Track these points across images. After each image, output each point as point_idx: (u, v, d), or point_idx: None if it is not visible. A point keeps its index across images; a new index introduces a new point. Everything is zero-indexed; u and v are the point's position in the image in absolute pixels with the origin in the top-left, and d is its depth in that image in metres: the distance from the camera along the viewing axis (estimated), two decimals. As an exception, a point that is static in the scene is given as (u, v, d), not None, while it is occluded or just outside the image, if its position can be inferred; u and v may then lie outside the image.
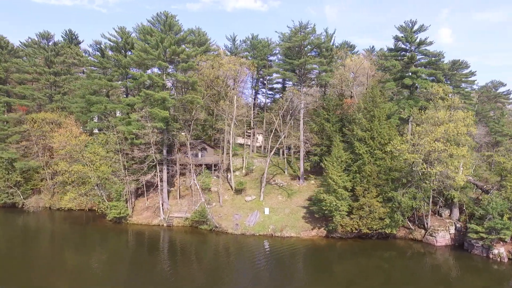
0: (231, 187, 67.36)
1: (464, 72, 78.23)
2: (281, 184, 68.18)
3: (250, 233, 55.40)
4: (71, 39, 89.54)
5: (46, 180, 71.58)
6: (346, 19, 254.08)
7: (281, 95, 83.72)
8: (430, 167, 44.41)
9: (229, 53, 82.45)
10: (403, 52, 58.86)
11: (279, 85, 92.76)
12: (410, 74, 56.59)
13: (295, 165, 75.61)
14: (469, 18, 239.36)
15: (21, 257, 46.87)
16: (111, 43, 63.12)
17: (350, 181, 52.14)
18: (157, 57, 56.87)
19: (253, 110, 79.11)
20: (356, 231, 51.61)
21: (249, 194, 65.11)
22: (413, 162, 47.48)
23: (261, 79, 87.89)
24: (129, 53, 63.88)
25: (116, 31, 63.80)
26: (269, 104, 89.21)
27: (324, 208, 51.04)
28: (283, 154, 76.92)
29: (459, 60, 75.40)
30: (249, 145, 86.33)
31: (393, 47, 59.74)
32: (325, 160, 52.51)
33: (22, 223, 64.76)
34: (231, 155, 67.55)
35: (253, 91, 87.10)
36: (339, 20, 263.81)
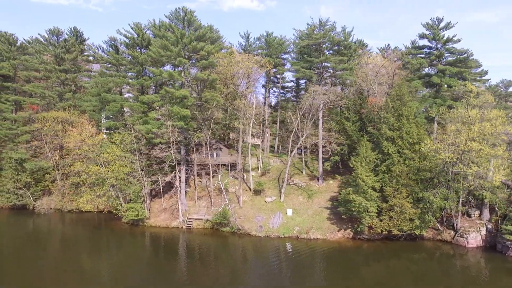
0: (249, 187, 65.71)
1: (477, 71, 77.47)
2: (300, 185, 66.66)
3: (275, 235, 53.79)
4: (77, 37, 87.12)
5: (57, 181, 69.40)
6: (342, 19, 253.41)
7: (300, 93, 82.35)
8: (466, 167, 43.17)
9: (241, 51, 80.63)
10: (428, 50, 57.63)
11: (291, 84, 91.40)
12: (437, 72, 55.36)
13: (312, 165, 74.10)
14: (465, 19, 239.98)
15: (35, 260, 44.98)
16: (127, 40, 61.10)
17: (378, 181, 50.81)
18: (176, 54, 55.04)
19: (267, 109, 77.29)
20: (385, 233, 50.21)
21: (268, 195, 63.49)
22: (446, 162, 46.24)
23: (272, 77, 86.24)
24: (143, 50, 62.12)
25: (131, 27, 61.87)
26: (281, 103, 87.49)
27: (353, 209, 49.60)
28: (300, 154, 75.42)
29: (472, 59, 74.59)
30: (259, 145, 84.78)
31: (417, 45, 58.44)
32: (354, 160, 51.07)
33: (34, 225, 62.61)
34: (249, 155, 65.92)
35: (265, 89, 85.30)
36: (335, 20, 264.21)
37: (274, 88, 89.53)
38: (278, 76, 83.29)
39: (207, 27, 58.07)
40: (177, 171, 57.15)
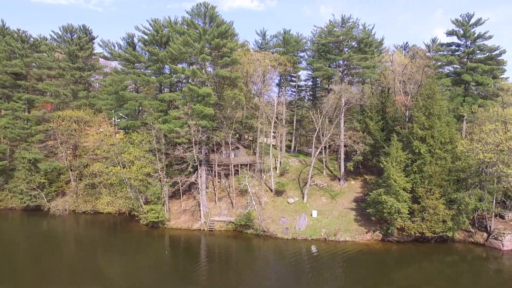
0: (270, 188, 64.12)
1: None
2: (321, 185, 65.08)
3: (302, 238, 52.19)
4: (86, 35, 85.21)
5: (71, 182, 67.63)
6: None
7: (317, 92, 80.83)
8: (506, 168, 41.70)
9: (258, 49, 79.05)
10: (456, 47, 56.14)
11: (305, 82, 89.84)
12: (467, 69, 53.87)
13: (332, 165, 72.52)
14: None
15: (52, 262, 43.73)
16: (145, 36, 59.40)
17: (408, 182, 49.29)
18: (199, 51, 53.40)
19: (284, 108, 75.57)
20: (418, 235, 48.67)
21: (290, 196, 61.91)
22: (483, 163, 44.76)
23: (287, 76, 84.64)
24: (161, 47, 60.44)
25: (150, 24, 60.19)
26: (297, 102, 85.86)
27: (384, 210, 48.05)
28: (319, 154, 73.85)
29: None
30: (273, 145, 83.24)
31: (445, 42, 56.93)
32: (384, 160, 49.51)
33: (49, 227, 60.94)
34: (271, 155, 64.27)
35: (280, 88, 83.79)
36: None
37: (288, 87, 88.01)
38: (294, 74, 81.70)
39: (229, 23, 56.39)
40: (199, 171, 55.40)
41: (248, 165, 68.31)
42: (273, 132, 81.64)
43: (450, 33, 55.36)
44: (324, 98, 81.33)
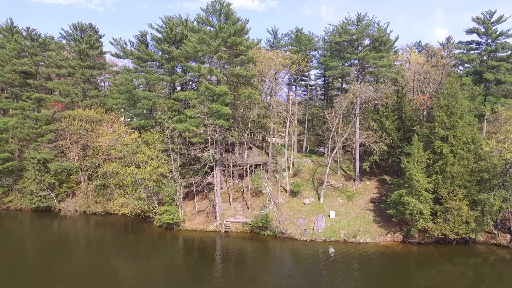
0: (284, 189, 63.10)
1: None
2: (336, 186, 64.07)
3: (321, 239, 51.20)
4: (94, 33, 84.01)
5: (81, 182, 66.49)
6: (342, 19, 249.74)
7: (329, 91, 79.80)
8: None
9: (269, 47, 78.05)
10: (476, 45, 55.14)
11: (315, 82, 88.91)
12: (487, 68, 52.88)
13: (345, 165, 71.48)
14: (465, 18, 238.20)
15: (65, 264, 42.57)
16: (159, 34, 58.33)
17: (430, 182, 48.30)
18: (215, 49, 52.36)
19: (296, 107, 74.55)
20: (441, 236, 47.70)
21: (306, 197, 60.90)
22: (508, 163, 43.81)
23: (295, 75, 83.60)
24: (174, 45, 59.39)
25: (163, 21, 59.15)
26: (309, 101, 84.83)
27: (406, 211, 47.06)
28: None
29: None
30: (283, 145, 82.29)
31: (464, 41, 55.98)
32: (406, 161, 48.48)
33: (60, 228, 59.74)
34: (286, 155, 63.36)
35: (291, 87, 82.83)
36: (335, 19, 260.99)
37: (297, 86, 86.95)
38: (306, 73, 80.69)
39: (245, 21, 55.35)
40: (215, 171, 54.35)
41: (261, 165, 67.31)
42: (283, 132, 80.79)
43: (470, 31, 54.36)
44: (337, 98, 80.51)
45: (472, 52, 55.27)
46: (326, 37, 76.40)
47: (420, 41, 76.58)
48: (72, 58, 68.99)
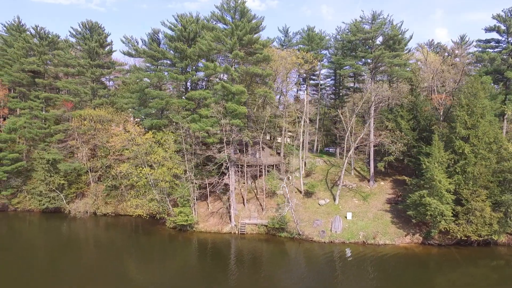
0: (298, 189, 62.10)
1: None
2: (351, 186, 63.12)
3: (339, 241, 50.25)
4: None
5: (91, 183, 65.39)
6: (343, 19, 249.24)
7: (340, 91, 78.84)
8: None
9: (280, 46, 76.99)
10: (495, 44, 54.29)
11: (323, 81, 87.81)
12: (508, 66, 52.01)
13: (357, 165, 70.53)
14: (464, 19, 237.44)
15: (75, 268, 41.22)
16: (172, 32, 57.28)
17: (451, 183, 47.41)
18: (231, 47, 51.37)
19: (307, 106, 73.23)
20: (464, 238, 46.78)
21: (321, 197, 59.95)
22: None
23: (305, 74, 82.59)
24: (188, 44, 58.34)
25: (175, 19, 58.15)
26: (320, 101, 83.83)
27: (427, 213, 46.13)
28: (340, 154, 72.10)
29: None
30: (293, 145, 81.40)
31: (483, 39, 55.05)
32: (427, 161, 47.58)
33: (71, 230, 58.75)
34: (300, 155, 62.44)
35: (302, 86, 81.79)
36: (336, 19, 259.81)
37: (305, 85, 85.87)
38: (316, 72, 79.71)
39: (260, 18, 54.36)
40: (230, 172, 53.34)
41: (274, 165, 66.33)
42: (292, 132, 79.88)
43: (490, 29, 53.52)
44: (348, 97, 79.64)
45: (491, 50, 54.37)
46: (337, 36, 75.44)
47: (432, 40, 75.82)
48: (81, 57, 67.93)
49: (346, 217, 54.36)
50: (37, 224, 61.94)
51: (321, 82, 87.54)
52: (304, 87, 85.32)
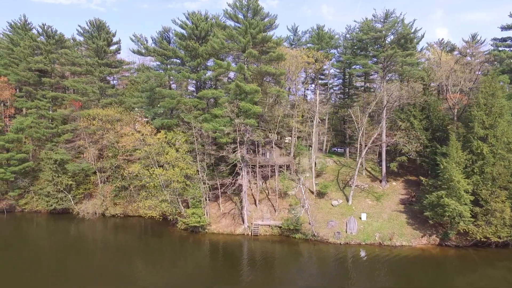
0: (310, 190, 61.33)
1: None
2: (363, 187, 62.38)
3: (355, 242, 49.54)
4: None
5: (99, 184, 64.44)
6: (342, 19, 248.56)
7: (348, 90, 78.16)
8: None
9: (289, 45, 76.23)
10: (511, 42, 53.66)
11: (331, 80, 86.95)
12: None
13: (368, 165, 69.80)
14: (463, 18, 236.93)
15: (85, 271, 40.41)
16: (183, 30, 56.38)
17: (469, 184, 46.75)
18: (244, 45, 50.56)
19: (317, 106, 72.31)
20: (483, 239, 46.10)
21: (333, 198, 59.20)
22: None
23: (312, 73, 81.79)
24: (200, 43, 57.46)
25: (186, 17, 57.26)
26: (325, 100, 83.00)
27: (446, 214, 45.45)
28: (350, 154, 71.42)
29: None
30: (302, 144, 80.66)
31: (498, 37, 54.37)
32: (444, 161, 46.88)
33: (79, 231, 57.79)
34: (313, 155, 61.53)
35: (310, 85, 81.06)
36: (336, 19, 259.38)
37: (313, 85, 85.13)
38: (326, 71, 78.95)
39: (273, 16, 53.57)
40: (244, 173, 52.53)
41: (285, 166, 65.56)
42: (301, 131, 79.08)
43: (507, 28, 52.83)
44: (357, 97, 78.94)
45: (507, 49, 53.74)
46: (347, 35, 74.71)
47: (442, 39, 75.18)
48: (87, 55, 66.96)
49: (360, 218, 53.65)
50: (45, 225, 60.97)
51: (330, 81, 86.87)
52: (311, 86, 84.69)
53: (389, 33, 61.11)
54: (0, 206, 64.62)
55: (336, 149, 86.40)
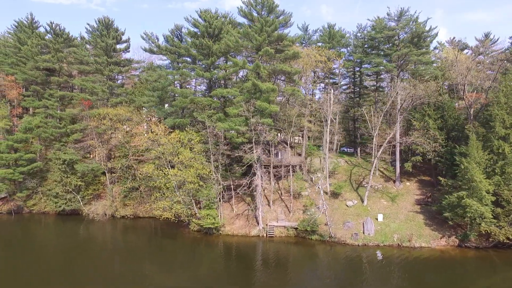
0: (325, 190, 60.34)
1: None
2: (377, 187, 61.60)
3: (374, 244, 48.70)
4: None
5: (108, 184, 63.34)
6: (343, 19, 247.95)
7: (357, 89, 77.40)
8: None
9: (299, 43, 75.23)
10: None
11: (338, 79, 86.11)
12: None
13: (381, 166, 69.04)
14: (463, 18, 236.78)
15: (97, 275, 39.44)
16: (196, 29, 55.40)
17: (490, 184, 45.98)
18: (260, 43, 49.65)
19: (330, 105, 71.16)
20: (505, 241, 45.36)
21: (348, 198, 58.40)
22: None
23: (322, 73, 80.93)
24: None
25: (199, 15, 56.28)
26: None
27: (468, 215, 44.68)
28: (361, 153, 70.57)
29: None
30: (314, 144, 79.93)
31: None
32: (465, 161, 46.08)
33: (89, 233, 56.69)
34: (327, 156, 60.67)
35: (319, 85, 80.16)
36: (335, 19, 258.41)
37: (322, 84, 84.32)
38: (336, 71, 78.11)
39: (288, 14, 52.68)
40: (259, 173, 51.62)
41: (298, 166, 64.68)
42: (309, 131, 78.18)
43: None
44: (367, 96, 78.17)
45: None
46: (358, 34, 73.90)
47: (453, 38, 74.41)
48: (94, 54, 65.82)
49: (377, 219, 52.84)
50: (54, 226, 59.79)
51: (341, 80, 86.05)
52: (320, 85, 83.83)
53: (403, 32, 60.35)
54: (8, 207, 63.52)
55: (345, 149, 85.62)
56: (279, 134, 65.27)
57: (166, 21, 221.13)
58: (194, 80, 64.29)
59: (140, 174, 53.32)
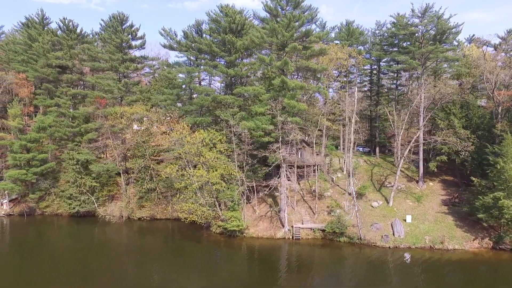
0: (348, 191, 58.91)
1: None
2: (400, 187, 60.15)
3: (405, 246, 47.25)
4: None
5: (123, 185, 61.36)
6: (342, 19, 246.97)
7: (377, 88, 76.03)
8: None
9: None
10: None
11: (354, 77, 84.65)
12: None
13: (402, 165, 67.51)
14: (463, 18, 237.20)
15: (115, 281, 37.81)
16: (217, 25, 53.62)
17: (525, 184, 44.74)
18: (286, 39, 48.02)
19: (356, 103, 68.98)
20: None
21: (372, 199, 56.97)
22: None
23: (342, 70, 79.13)
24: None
25: (220, 10, 54.52)
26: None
27: (505, 215, 43.38)
28: (386, 153, 69.16)
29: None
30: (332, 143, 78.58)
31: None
32: (501, 161, 44.74)
33: (106, 235, 54.87)
34: (351, 155, 59.17)
35: (333, 83, 78.63)
36: (336, 19, 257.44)
37: (336, 83, 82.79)
38: (353, 69, 76.61)
39: (314, 9, 51.10)
40: (284, 174, 49.98)
41: (317, 166, 63.10)
42: (328, 130, 76.67)
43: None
44: (386, 94, 76.77)
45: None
46: (377, 31, 72.54)
47: (473, 35, 73.25)
48: (109, 51, 63.70)
49: (405, 220, 51.42)
50: (68, 228, 57.79)
51: (358, 79, 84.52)
52: (334, 84, 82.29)
53: (428, 28, 58.96)
54: (20, 209, 61.38)
55: (359, 149, 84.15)
56: (310, 133, 63.60)
57: (166, 21, 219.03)
58: (208, 78, 62.64)
59: (164, 174, 51.22)
